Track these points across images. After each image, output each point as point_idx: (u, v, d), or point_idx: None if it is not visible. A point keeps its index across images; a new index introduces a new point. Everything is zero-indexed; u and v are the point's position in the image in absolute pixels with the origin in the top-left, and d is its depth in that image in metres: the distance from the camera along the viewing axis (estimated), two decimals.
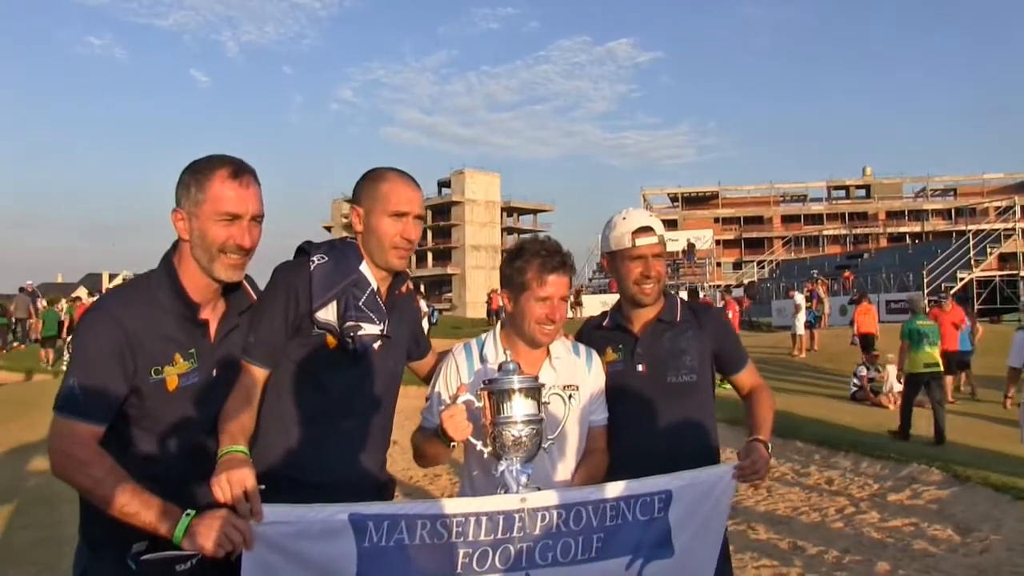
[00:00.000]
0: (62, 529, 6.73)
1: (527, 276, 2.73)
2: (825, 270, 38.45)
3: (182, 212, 2.35)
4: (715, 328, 3.10)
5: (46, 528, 7.13)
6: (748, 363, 3.15)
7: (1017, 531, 6.76)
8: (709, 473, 2.66)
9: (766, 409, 2.98)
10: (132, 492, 2.12)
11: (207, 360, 2.42)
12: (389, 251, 2.61)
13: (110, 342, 2.23)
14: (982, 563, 6.09)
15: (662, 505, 2.50)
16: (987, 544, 6.52)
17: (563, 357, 2.87)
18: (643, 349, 3.02)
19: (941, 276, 30.95)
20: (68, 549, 2.48)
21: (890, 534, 7.02)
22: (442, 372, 2.86)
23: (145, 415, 2.32)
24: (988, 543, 6.54)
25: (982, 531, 6.84)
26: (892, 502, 8.05)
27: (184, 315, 2.37)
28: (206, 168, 2.34)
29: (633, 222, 2.99)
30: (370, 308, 2.57)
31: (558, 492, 2.44)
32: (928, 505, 7.85)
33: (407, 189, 2.63)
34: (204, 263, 2.36)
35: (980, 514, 7.33)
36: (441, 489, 8.86)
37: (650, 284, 2.98)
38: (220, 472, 2.15)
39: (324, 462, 2.55)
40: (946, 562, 6.16)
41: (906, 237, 68.41)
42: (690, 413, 2.99)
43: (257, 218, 2.40)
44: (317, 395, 2.56)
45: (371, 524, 2.22)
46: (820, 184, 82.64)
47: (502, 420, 2.38)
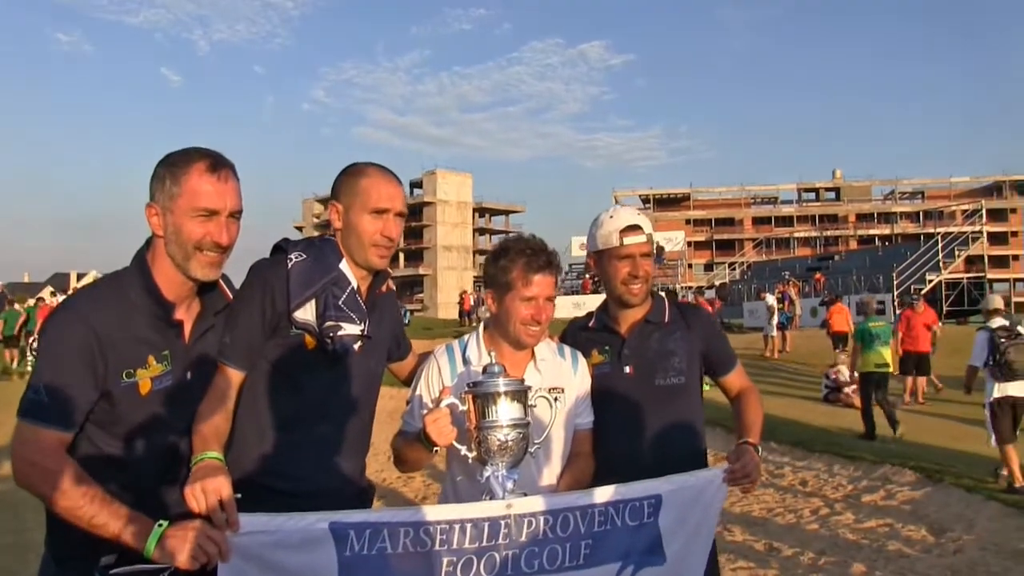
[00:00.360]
0: (27, 536, 6.58)
1: (512, 276, 2.65)
2: (796, 272, 38.73)
3: (156, 207, 2.25)
4: (704, 329, 3.04)
5: (11, 534, 6.96)
6: (737, 364, 3.10)
7: (989, 531, 6.83)
8: (699, 477, 2.61)
9: (755, 411, 2.93)
10: (100, 502, 2.02)
11: (181, 362, 2.32)
12: (369, 249, 2.52)
13: (79, 343, 2.12)
14: (956, 564, 6.12)
15: (652, 510, 2.45)
16: (960, 544, 6.57)
17: (548, 359, 2.80)
18: (630, 350, 2.95)
19: (911, 278, 31.22)
20: (33, 556, 2.39)
21: (865, 535, 7.05)
22: (424, 374, 2.78)
23: (116, 420, 2.21)
24: (961, 543, 6.58)
25: (955, 531, 6.89)
26: (866, 503, 8.08)
27: (157, 315, 2.27)
28: (182, 161, 2.24)
29: (621, 220, 2.92)
30: (350, 307, 2.48)
31: (545, 498, 2.38)
32: (902, 506, 7.89)
33: (388, 185, 2.54)
34: (179, 260, 2.26)
35: (953, 514, 7.38)
36: (415, 491, 8.77)
37: (638, 284, 2.92)
38: (194, 480, 2.05)
39: (302, 468, 2.45)
40: (921, 563, 6.19)
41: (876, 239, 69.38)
42: (678, 416, 2.93)
43: (235, 214, 2.31)
44: (295, 398, 2.47)
45: (352, 533, 2.15)
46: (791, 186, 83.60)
47: (487, 424, 2.32)
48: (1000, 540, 6.53)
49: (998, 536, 6.65)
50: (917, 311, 15.53)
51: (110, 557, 2.06)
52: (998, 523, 7.01)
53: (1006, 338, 8.57)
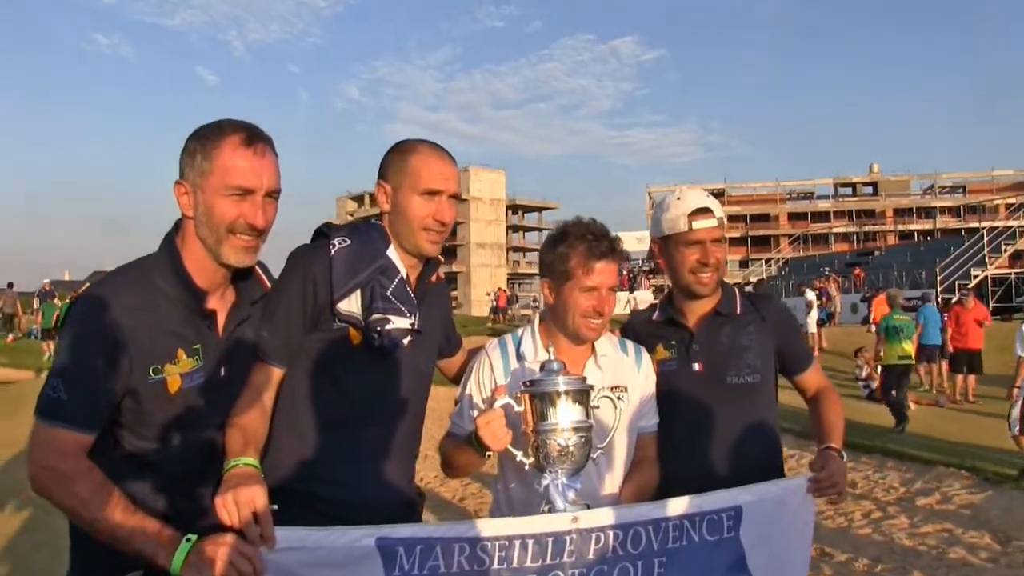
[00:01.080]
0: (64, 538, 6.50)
1: (571, 264, 2.44)
2: (835, 267, 38.23)
3: (186, 185, 2.06)
4: (779, 321, 2.81)
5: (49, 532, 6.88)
6: (814, 361, 2.86)
7: None
8: (781, 487, 2.40)
9: (837, 413, 2.71)
10: (124, 513, 1.84)
11: (214, 357, 2.12)
12: (419, 234, 2.31)
13: (101, 336, 1.93)
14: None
15: (732, 523, 2.23)
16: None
17: (610, 355, 2.59)
18: (699, 346, 2.72)
19: (955, 274, 30.71)
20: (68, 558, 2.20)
21: (922, 541, 6.72)
22: (474, 372, 2.58)
23: (142, 421, 2.03)
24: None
25: (1022, 539, 6.52)
26: (921, 506, 7.74)
27: (188, 305, 2.07)
28: (215, 134, 2.04)
29: (689, 203, 2.68)
30: (399, 298, 2.28)
31: (613, 510, 2.17)
32: (960, 510, 7.54)
33: (441, 164, 2.33)
34: (210, 244, 2.06)
35: (1018, 521, 7.01)
36: (452, 491, 8.57)
37: (708, 273, 2.68)
38: (226, 489, 1.86)
39: (346, 475, 2.25)
40: (988, 573, 5.89)
41: (915, 235, 68.19)
42: (753, 417, 2.70)
43: (273, 193, 2.10)
44: (338, 398, 2.27)
45: (401, 550, 1.95)
46: (827, 181, 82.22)
47: (546, 427, 2.11)
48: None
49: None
50: (967, 307, 15.20)
51: (135, 574, 1.88)
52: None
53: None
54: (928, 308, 15.70)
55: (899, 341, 12.52)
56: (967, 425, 11.57)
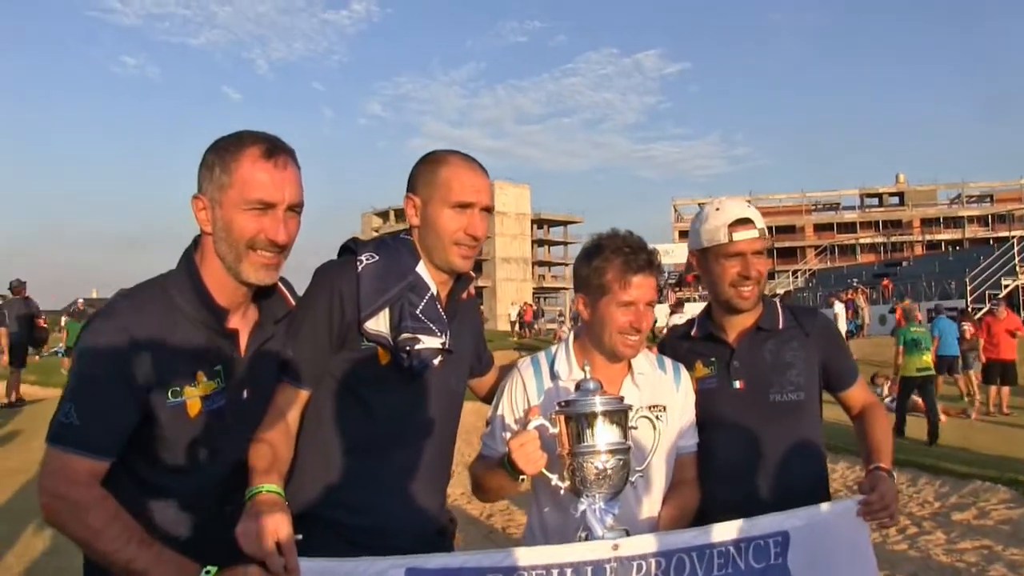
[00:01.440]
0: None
1: (607, 278, 2.34)
2: (863, 278, 37.87)
3: (204, 199, 1.97)
4: (824, 336, 2.68)
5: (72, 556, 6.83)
6: (859, 377, 2.73)
7: None
8: (829, 511, 2.28)
9: (884, 431, 2.58)
10: (140, 544, 1.77)
11: (236, 379, 2.03)
12: (451, 249, 2.21)
13: (116, 356, 1.85)
14: None
15: (779, 549, 2.11)
16: None
17: (647, 373, 2.48)
18: (740, 362, 2.61)
19: (984, 283, 30.27)
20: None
21: (960, 557, 6.53)
22: (506, 391, 2.48)
23: (160, 446, 1.94)
24: None
25: None
26: (957, 521, 7.54)
27: (208, 324, 1.99)
28: (234, 146, 1.95)
29: (729, 213, 2.58)
30: (429, 317, 2.18)
31: (654, 537, 2.07)
32: (999, 526, 7.32)
33: (473, 176, 2.24)
34: (230, 261, 1.97)
35: None
36: (480, 509, 8.46)
37: (749, 286, 2.57)
38: (248, 518, 1.78)
39: (374, 502, 2.16)
40: None
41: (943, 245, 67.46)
42: (797, 437, 2.58)
43: (295, 207, 2.01)
44: (366, 420, 2.18)
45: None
46: (853, 192, 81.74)
47: (583, 449, 2.02)
48: None
49: None
50: (999, 317, 14.95)
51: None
52: None
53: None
54: (942, 320, 15.81)
55: (918, 353, 12.72)
56: (1001, 437, 11.32)
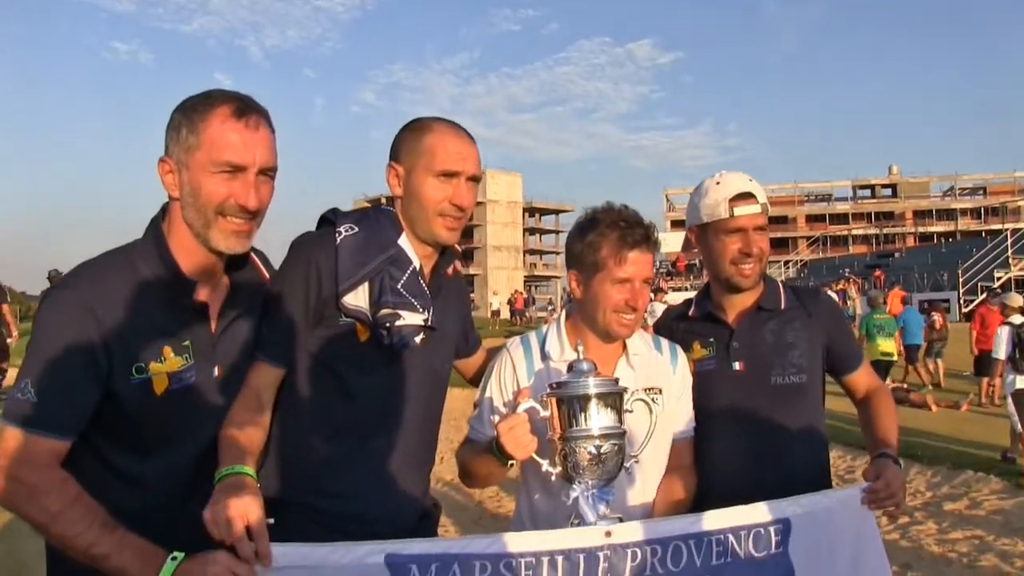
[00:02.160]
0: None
1: (602, 253, 2.24)
2: (855, 269, 38.06)
3: (170, 162, 1.85)
4: (827, 317, 2.58)
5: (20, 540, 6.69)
6: (864, 361, 2.64)
7: None
8: (832, 498, 2.19)
9: (890, 417, 2.49)
10: (101, 528, 1.67)
11: (206, 355, 1.93)
12: (435, 220, 2.10)
13: (76, 330, 1.74)
14: None
15: (780, 538, 2.02)
16: None
17: (642, 353, 2.38)
18: (740, 343, 2.51)
19: (977, 275, 30.44)
20: None
21: (952, 547, 6.54)
22: (494, 372, 2.38)
23: (124, 426, 1.83)
24: None
25: None
26: (949, 512, 7.56)
27: (175, 296, 1.87)
28: (202, 105, 1.83)
29: (730, 187, 2.47)
30: (411, 292, 2.07)
31: (649, 524, 1.97)
32: (991, 516, 7.37)
33: (459, 143, 2.13)
34: (198, 227, 1.86)
35: None
36: (467, 495, 8.37)
37: (750, 264, 2.46)
38: (216, 501, 1.68)
39: (353, 487, 2.06)
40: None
41: (935, 237, 67.74)
42: (799, 421, 2.49)
43: (268, 171, 1.90)
44: (344, 401, 2.07)
45: (415, 568, 1.76)
46: (845, 183, 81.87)
47: (576, 433, 1.92)
48: None
49: None
50: (993, 309, 14.85)
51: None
52: None
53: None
54: (909, 310, 16.60)
55: (880, 339, 13.37)
56: (993, 428, 11.29)
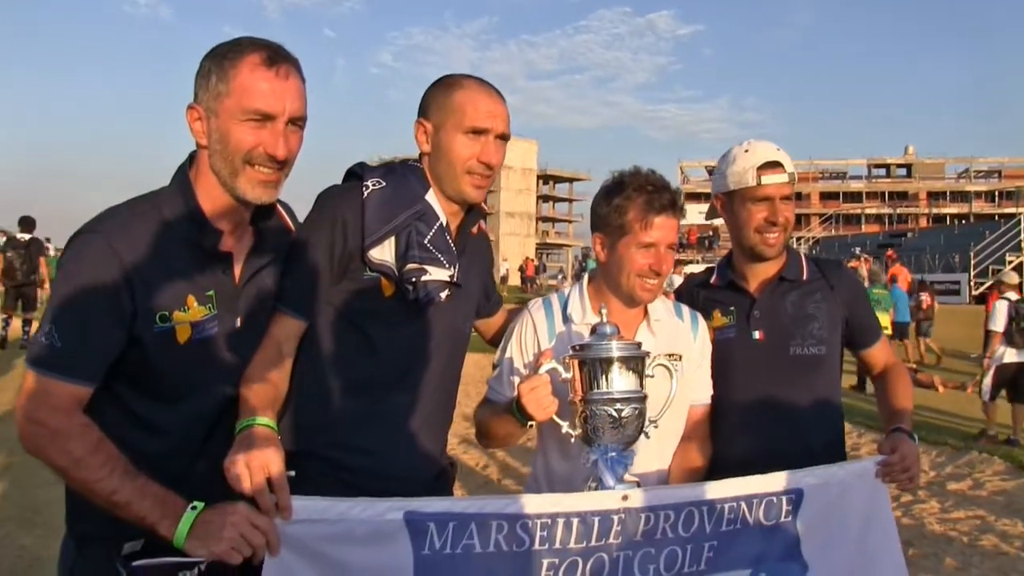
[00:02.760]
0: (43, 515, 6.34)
1: (628, 217, 2.23)
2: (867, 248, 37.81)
3: (199, 109, 1.83)
4: (849, 291, 2.58)
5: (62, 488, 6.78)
6: (882, 336, 2.64)
7: None
8: (847, 470, 2.21)
9: (906, 392, 2.50)
10: (123, 475, 1.66)
11: (230, 305, 1.91)
12: (463, 177, 2.08)
13: (102, 277, 1.72)
14: None
15: (791, 508, 2.04)
16: None
17: (664, 319, 2.38)
18: (761, 312, 2.50)
19: (989, 258, 30.33)
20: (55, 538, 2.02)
21: (953, 527, 6.59)
22: (515, 333, 2.38)
23: (147, 374, 1.82)
24: None
25: None
26: (952, 491, 7.59)
27: (201, 245, 1.86)
28: (233, 52, 1.81)
29: (758, 155, 2.45)
30: (438, 247, 2.06)
31: (667, 490, 2.01)
32: (993, 497, 7.41)
33: (489, 100, 2.10)
34: (225, 176, 1.84)
35: None
36: (476, 460, 8.42)
37: (775, 233, 2.45)
38: (238, 451, 1.68)
39: (373, 443, 2.05)
40: (1023, 563, 5.68)
41: (948, 218, 67.28)
42: (817, 393, 2.50)
43: (297, 121, 1.87)
44: (366, 356, 2.06)
45: (433, 526, 1.77)
46: (860, 162, 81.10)
47: (597, 396, 1.94)
48: None
49: None
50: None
51: (134, 544, 1.69)
52: None
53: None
54: (896, 289, 16.65)
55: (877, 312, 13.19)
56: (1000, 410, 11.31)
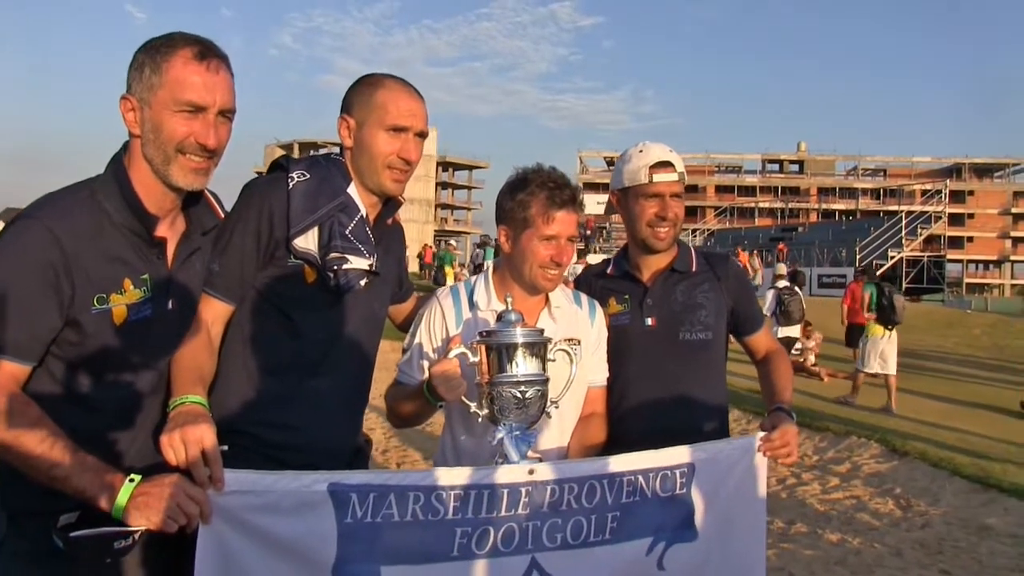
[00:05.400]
0: None
1: (531, 211, 2.37)
2: (759, 242, 39.04)
3: (133, 100, 1.90)
4: (734, 282, 2.78)
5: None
6: (764, 324, 2.86)
7: (954, 506, 6.83)
8: (734, 446, 2.40)
9: (786, 376, 2.71)
10: (62, 450, 1.72)
11: (163, 289, 1.98)
12: (383, 172, 2.20)
13: (41, 260, 1.78)
14: (925, 537, 6.10)
15: (684, 480, 2.22)
16: (927, 519, 6.55)
17: (564, 307, 2.54)
18: (653, 300, 2.68)
19: (873, 253, 31.70)
20: None
21: (833, 506, 7.00)
22: (425, 319, 2.50)
23: (84, 354, 1.89)
24: (928, 517, 6.57)
25: (921, 505, 6.87)
26: (833, 473, 8.04)
27: (136, 231, 1.93)
28: (166, 46, 1.88)
29: (651, 156, 2.63)
30: (358, 238, 2.18)
31: (569, 464, 2.16)
32: (869, 478, 7.86)
33: (409, 100, 2.22)
34: (158, 164, 1.91)
35: (918, 488, 7.36)
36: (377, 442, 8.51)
37: (665, 227, 2.64)
38: (173, 427, 1.76)
39: (295, 418, 2.16)
40: (890, 535, 6.15)
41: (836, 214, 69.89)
42: (703, 375, 2.70)
43: (227, 113, 1.96)
44: (289, 338, 2.17)
45: (355, 496, 1.89)
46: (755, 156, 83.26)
47: (503, 379, 2.08)
48: (966, 515, 6.54)
49: (963, 511, 6.66)
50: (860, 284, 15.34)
51: (70, 516, 1.74)
52: (963, 499, 7.03)
53: (788, 295, 13.46)
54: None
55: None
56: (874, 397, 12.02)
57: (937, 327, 22.01)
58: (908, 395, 12.90)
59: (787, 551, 5.83)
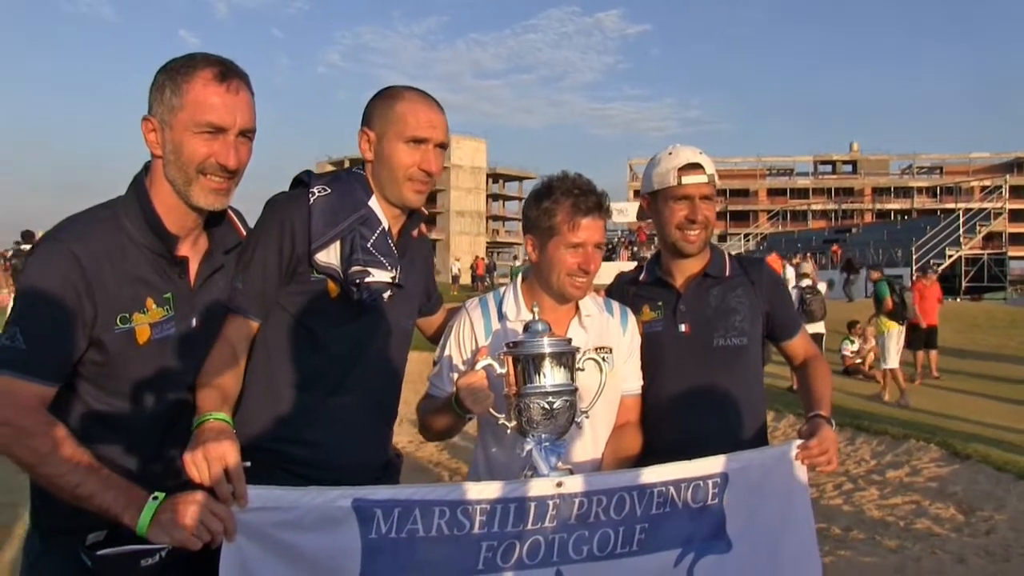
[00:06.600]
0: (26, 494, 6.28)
1: (557, 219, 2.35)
2: (812, 244, 38.47)
3: (154, 121, 1.93)
4: (769, 286, 2.72)
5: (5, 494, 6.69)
6: (802, 329, 2.79)
7: (1021, 511, 6.58)
8: (768, 454, 2.33)
9: (825, 382, 2.62)
10: (87, 470, 1.74)
11: (186, 307, 2.01)
12: (404, 184, 2.20)
13: (64, 281, 1.81)
14: (990, 544, 5.91)
15: (717, 491, 2.17)
16: (992, 524, 6.34)
17: (594, 315, 2.51)
18: (686, 306, 2.64)
19: (930, 252, 31.08)
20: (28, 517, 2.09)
21: (891, 512, 6.86)
22: (454, 331, 2.49)
23: (108, 374, 1.91)
24: (993, 523, 6.35)
25: (985, 511, 6.65)
26: (891, 479, 7.86)
27: (157, 251, 1.96)
28: (186, 67, 1.91)
29: (680, 158, 2.60)
30: (380, 251, 2.17)
31: (598, 476, 2.12)
32: (928, 483, 7.65)
33: (429, 111, 2.22)
34: (179, 184, 1.94)
35: (981, 493, 7.14)
36: (428, 456, 8.55)
37: (695, 230, 2.60)
38: (196, 445, 1.77)
39: (321, 434, 2.16)
40: (952, 542, 6.00)
41: (892, 214, 68.58)
42: (739, 382, 2.63)
43: (247, 133, 1.98)
44: (314, 354, 2.17)
45: (379, 512, 1.88)
46: (807, 158, 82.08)
47: (530, 390, 2.05)
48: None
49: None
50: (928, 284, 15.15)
51: (98, 534, 1.76)
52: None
53: (810, 294, 13.84)
54: None
55: None
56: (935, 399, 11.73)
57: (1000, 326, 21.39)
58: (970, 397, 12.62)
59: (844, 558, 5.73)
